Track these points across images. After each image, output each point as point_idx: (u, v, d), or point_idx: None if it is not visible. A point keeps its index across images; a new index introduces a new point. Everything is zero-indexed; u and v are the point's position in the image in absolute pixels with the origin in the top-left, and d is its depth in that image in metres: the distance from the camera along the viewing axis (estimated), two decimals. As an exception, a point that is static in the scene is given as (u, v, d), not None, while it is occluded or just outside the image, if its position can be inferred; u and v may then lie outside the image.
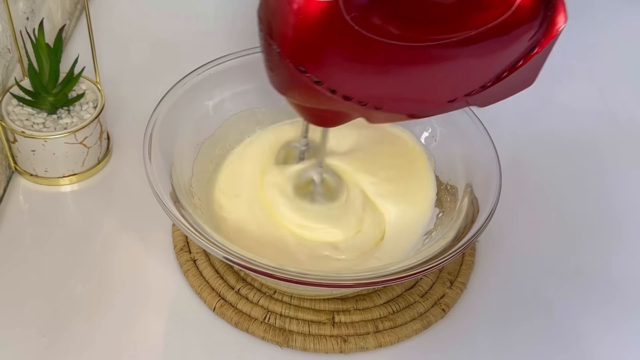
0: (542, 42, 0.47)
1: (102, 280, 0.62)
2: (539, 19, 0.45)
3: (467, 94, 0.49)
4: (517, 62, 0.47)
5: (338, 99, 0.47)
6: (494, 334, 0.61)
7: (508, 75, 0.48)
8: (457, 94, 0.49)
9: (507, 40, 0.46)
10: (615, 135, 0.79)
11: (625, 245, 0.69)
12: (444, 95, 0.49)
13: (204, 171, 0.63)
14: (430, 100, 0.49)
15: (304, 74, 0.45)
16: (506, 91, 0.50)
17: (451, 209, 0.60)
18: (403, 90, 0.48)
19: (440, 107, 0.50)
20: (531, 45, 0.47)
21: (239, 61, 0.65)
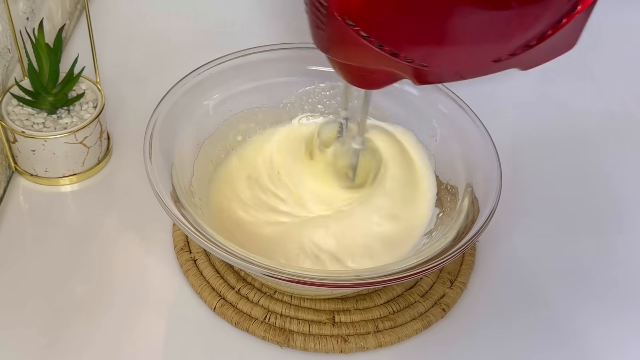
0: (584, 1, 0.47)
1: (103, 280, 0.62)
2: None
3: (512, 53, 0.48)
4: (560, 21, 0.47)
5: (386, 55, 0.46)
6: (494, 334, 0.61)
7: (552, 34, 0.47)
8: (502, 53, 0.48)
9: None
10: (615, 134, 0.79)
11: (626, 245, 0.69)
12: (489, 53, 0.48)
13: (204, 171, 0.63)
14: (476, 58, 0.49)
15: (352, 29, 0.44)
16: (549, 52, 0.50)
17: (451, 209, 0.60)
18: (450, 47, 0.47)
19: (485, 66, 0.50)
20: (574, 4, 0.47)
21: (239, 61, 0.65)
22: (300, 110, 0.68)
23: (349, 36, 0.45)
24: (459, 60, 0.49)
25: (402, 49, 0.46)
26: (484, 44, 0.48)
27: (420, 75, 0.50)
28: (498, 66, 0.50)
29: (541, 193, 0.73)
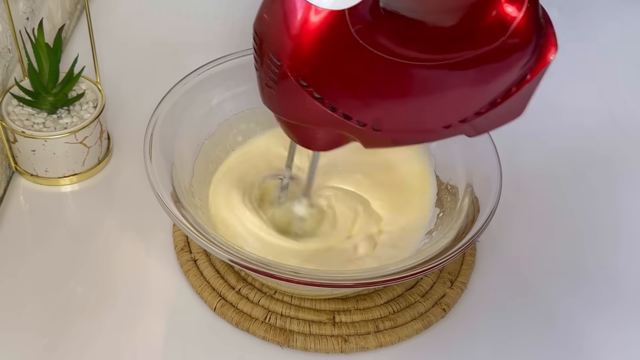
0: (534, 70, 0.48)
1: (103, 280, 0.62)
2: (532, 47, 0.47)
3: (462, 119, 0.49)
4: (510, 89, 0.49)
5: (338, 118, 0.46)
6: (494, 334, 0.61)
7: (501, 102, 0.49)
8: (453, 119, 0.49)
9: (502, 66, 0.47)
10: (615, 134, 0.79)
11: (625, 245, 0.69)
12: (440, 120, 0.49)
13: (204, 171, 0.63)
14: (427, 123, 0.50)
15: (305, 89, 0.44)
16: (497, 120, 0.51)
17: (452, 209, 0.60)
18: (402, 111, 0.48)
19: (435, 132, 0.50)
20: (524, 73, 0.48)
21: (239, 61, 0.65)
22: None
23: (301, 97, 0.44)
24: (411, 125, 0.49)
25: (354, 112, 0.46)
26: (436, 110, 0.48)
27: (370, 140, 0.50)
28: (448, 132, 0.50)
29: (541, 193, 0.73)
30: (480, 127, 0.51)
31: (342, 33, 0.42)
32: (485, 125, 0.51)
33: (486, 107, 0.49)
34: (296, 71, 0.43)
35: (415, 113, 0.48)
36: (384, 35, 0.43)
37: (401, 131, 0.50)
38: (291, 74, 0.43)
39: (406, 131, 0.50)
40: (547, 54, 0.47)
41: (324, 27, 0.41)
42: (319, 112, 0.45)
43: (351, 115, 0.46)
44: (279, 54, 0.43)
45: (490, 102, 0.49)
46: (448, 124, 0.49)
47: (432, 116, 0.49)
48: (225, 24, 0.89)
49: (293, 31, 0.42)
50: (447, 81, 0.47)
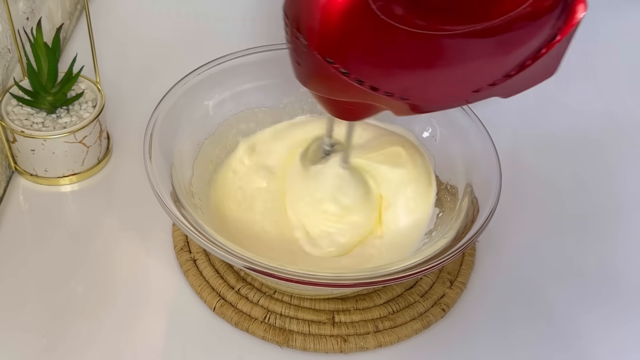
0: (563, 30, 0.47)
1: (103, 280, 0.62)
2: (560, 7, 0.46)
3: (492, 83, 0.49)
4: (539, 51, 0.48)
5: (365, 90, 0.47)
6: (493, 334, 0.61)
7: (532, 63, 0.48)
8: (481, 84, 0.49)
9: (530, 29, 0.46)
10: (615, 134, 0.79)
11: (625, 245, 0.69)
12: (469, 85, 0.49)
13: (204, 171, 0.63)
14: (456, 89, 0.50)
15: (331, 65, 0.45)
16: (529, 81, 0.50)
17: (451, 209, 0.60)
18: (429, 80, 0.48)
19: (465, 97, 0.51)
20: (553, 34, 0.47)
21: (239, 61, 0.65)
22: (300, 110, 0.68)
23: (328, 72, 0.46)
24: (439, 92, 0.50)
25: (381, 84, 0.47)
26: (463, 76, 0.48)
27: (399, 108, 0.51)
28: (478, 96, 0.50)
29: (541, 193, 0.73)
30: (511, 88, 0.50)
31: (364, 10, 0.43)
32: (516, 86, 0.50)
33: (516, 69, 0.48)
34: (322, 49, 0.45)
35: (443, 81, 0.48)
36: (405, 9, 0.44)
37: (430, 99, 0.50)
38: (318, 52, 0.45)
39: (435, 98, 0.50)
40: (576, 12, 0.46)
41: (347, 5, 0.42)
42: (347, 86, 0.47)
43: (378, 87, 0.47)
44: (306, 33, 0.44)
45: (520, 64, 0.48)
46: (477, 88, 0.49)
47: (461, 82, 0.49)
48: (225, 24, 0.89)
49: (318, 11, 0.43)
50: (473, 48, 0.46)
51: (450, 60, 0.47)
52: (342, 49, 0.45)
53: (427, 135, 0.66)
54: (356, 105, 0.52)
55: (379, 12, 0.43)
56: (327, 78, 0.47)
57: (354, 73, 0.46)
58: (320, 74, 0.47)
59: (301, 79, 0.49)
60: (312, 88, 0.50)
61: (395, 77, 0.47)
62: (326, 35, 0.44)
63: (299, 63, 0.47)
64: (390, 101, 0.49)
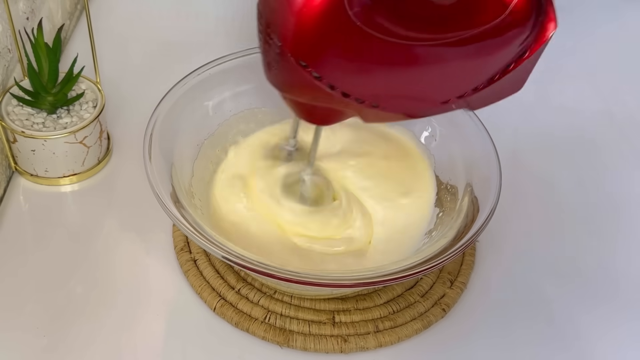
0: (532, 47, 0.48)
1: (103, 280, 0.62)
2: (531, 24, 0.47)
3: (460, 95, 0.50)
4: (508, 66, 0.49)
5: (337, 96, 0.47)
6: (494, 334, 0.61)
7: (500, 78, 0.49)
8: (450, 95, 0.50)
9: (500, 43, 0.47)
10: (614, 134, 0.79)
11: (625, 245, 0.69)
12: (438, 96, 0.50)
13: (204, 171, 0.63)
14: (425, 99, 0.50)
15: (304, 69, 0.45)
16: (496, 95, 0.51)
17: (451, 209, 0.60)
18: (400, 88, 0.48)
19: (433, 107, 0.51)
20: (522, 50, 0.48)
21: (239, 61, 0.65)
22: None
23: (300, 76, 0.45)
24: (408, 102, 0.50)
25: (353, 90, 0.47)
26: (433, 87, 0.49)
27: (368, 116, 0.51)
28: (446, 107, 0.51)
29: (541, 193, 0.73)
30: (478, 101, 0.51)
31: (340, 16, 0.43)
32: (483, 100, 0.51)
33: (484, 84, 0.49)
34: (296, 52, 0.44)
35: (413, 90, 0.49)
36: (382, 16, 0.44)
37: (399, 107, 0.50)
38: (291, 54, 0.44)
39: (404, 107, 0.51)
40: (547, 30, 0.47)
41: (323, 10, 0.42)
42: (318, 90, 0.47)
43: (349, 94, 0.47)
44: (280, 35, 0.44)
45: (489, 79, 0.49)
46: (445, 99, 0.50)
47: (430, 93, 0.49)
48: (225, 24, 0.89)
49: (293, 13, 0.43)
50: (445, 59, 0.47)
51: (422, 70, 0.47)
52: (316, 52, 0.44)
53: (427, 135, 0.66)
54: (324, 110, 0.51)
55: (355, 18, 0.43)
56: (299, 81, 0.46)
57: (327, 78, 0.46)
58: (292, 76, 0.47)
59: (272, 80, 0.49)
60: (282, 90, 0.50)
61: (366, 84, 0.47)
62: (300, 37, 0.44)
63: (271, 64, 0.47)
64: (360, 108, 0.49)
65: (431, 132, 0.66)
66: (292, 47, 0.44)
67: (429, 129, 0.66)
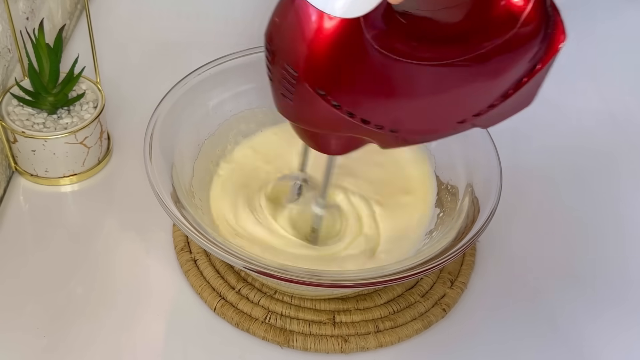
0: (544, 59, 0.48)
1: (103, 280, 0.62)
2: (541, 36, 0.47)
3: (476, 114, 0.50)
4: (521, 80, 0.49)
5: (356, 123, 0.46)
6: (494, 334, 0.61)
7: (513, 93, 0.49)
8: (467, 114, 0.50)
9: (513, 58, 0.47)
10: (615, 134, 0.79)
11: (625, 245, 0.69)
12: (455, 116, 0.49)
13: (204, 171, 0.63)
14: (443, 121, 0.50)
15: (323, 98, 0.44)
16: (509, 110, 0.51)
17: (452, 209, 0.60)
18: (419, 112, 0.48)
19: (450, 128, 0.51)
20: (534, 63, 0.48)
21: (239, 61, 0.65)
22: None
23: (319, 105, 0.44)
24: (427, 124, 0.50)
25: (372, 116, 0.46)
26: (451, 107, 0.48)
27: (387, 141, 0.50)
28: (462, 127, 0.51)
29: (541, 193, 0.73)
30: (492, 118, 0.51)
31: (358, 40, 0.42)
32: (497, 117, 0.51)
33: (499, 100, 0.49)
34: (313, 80, 0.43)
35: (432, 112, 0.48)
36: (398, 39, 0.43)
37: (418, 131, 0.50)
38: (308, 83, 0.43)
39: (422, 130, 0.50)
40: (557, 42, 0.47)
41: (340, 35, 0.41)
42: (337, 118, 0.45)
43: (369, 120, 0.46)
44: (295, 64, 0.43)
45: (503, 94, 0.49)
46: (462, 119, 0.50)
47: (448, 113, 0.49)
48: (225, 24, 0.89)
49: (308, 40, 0.42)
50: (462, 78, 0.47)
51: (441, 90, 0.47)
52: (334, 78, 0.43)
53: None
54: (342, 139, 0.50)
55: (372, 41, 0.42)
56: (317, 110, 0.45)
57: (346, 105, 0.45)
58: (309, 106, 0.45)
59: (287, 112, 0.48)
60: (299, 122, 0.49)
61: (385, 108, 0.47)
62: (317, 64, 0.42)
63: (286, 96, 0.45)
64: (379, 134, 0.48)
65: (431, 132, 0.66)
66: (309, 75, 0.43)
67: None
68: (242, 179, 0.64)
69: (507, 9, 0.46)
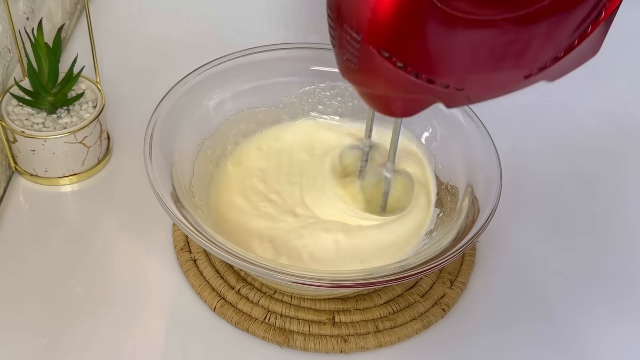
0: (607, 7, 0.47)
1: (103, 280, 0.62)
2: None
3: (542, 67, 0.49)
4: (586, 30, 0.48)
5: (422, 83, 0.46)
6: (494, 334, 0.61)
7: (578, 44, 0.48)
8: (532, 68, 0.48)
9: (578, 8, 0.46)
10: (615, 134, 0.80)
11: (625, 245, 0.69)
12: (521, 70, 0.49)
13: (204, 171, 0.63)
14: (509, 76, 0.49)
15: (387, 60, 0.44)
16: (574, 62, 0.50)
17: (452, 209, 0.60)
18: (483, 67, 0.47)
19: (517, 83, 0.50)
20: (598, 12, 0.47)
21: (239, 61, 0.65)
22: (300, 111, 0.68)
23: (384, 67, 0.44)
24: (493, 81, 0.49)
25: (438, 75, 0.46)
26: (516, 62, 0.47)
27: (454, 99, 0.49)
28: (528, 81, 0.50)
29: (541, 193, 0.73)
30: (558, 71, 0.50)
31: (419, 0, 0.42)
32: (563, 69, 0.50)
33: (564, 51, 0.48)
34: (377, 43, 0.43)
35: (498, 68, 0.48)
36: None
37: (484, 88, 0.49)
38: (372, 46, 0.43)
39: (489, 87, 0.50)
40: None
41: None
42: (403, 80, 0.45)
43: (435, 79, 0.46)
44: (359, 27, 0.43)
45: (568, 46, 0.48)
46: (528, 73, 0.49)
47: (513, 69, 0.48)
48: (225, 24, 0.89)
49: (371, 2, 0.42)
50: (526, 32, 0.46)
51: (504, 44, 0.46)
52: (397, 41, 0.43)
53: (428, 135, 0.66)
54: (408, 100, 0.50)
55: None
56: (383, 73, 0.45)
57: (411, 66, 0.45)
58: (375, 69, 0.45)
59: (352, 77, 0.48)
60: (365, 85, 0.49)
61: (451, 67, 0.46)
62: (381, 27, 0.42)
63: (351, 60, 0.46)
64: (445, 93, 0.48)
65: (432, 132, 0.66)
66: (373, 38, 0.43)
67: (430, 129, 0.66)
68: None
69: None
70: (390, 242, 0.61)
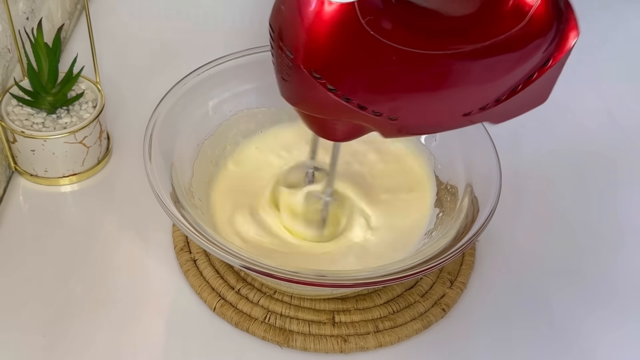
0: (555, 55, 0.47)
1: (102, 280, 0.62)
2: (552, 33, 0.46)
3: (482, 107, 0.49)
4: (531, 76, 0.48)
5: (353, 108, 0.46)
6: (493, 334, 0.61)
7: (522, 89, 0.48)
8: (472, 107, 0.49)
9: (521, 53, 0.46)
10: (614, 135, 0.79)
11: (625, 245, 0.69)
12: (459, 108, 0.49)
13: (204, 171, 0.63)
14: (446, 112, 0.49)
15: (318, 81, 0.44)
16: (520, 107, 0.50)
17: (451, 209, 0.60)
18: (418, 100, 0.47)
19: (455, 120, 0.50)
20: (545, 59, 0.47)
21: (239, 61, 0.65)
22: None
23: (315, 89, 0.45)
24: (428, 114, 0.49)
25: (369, 102, 0.46)
26: (453, 98, 0.47)
27: (387, 129, 0.49)
28: (468, 120, 0.50)
29: (541, 193, 0.73)
30: (502, 114, 0.50)
31: (352, 25, 0.42)
32: (507, 112, 0.50)
33: (507, 94, 0.48)
34: (309, 64, 0.44)
35: (432, 102, 0.48)
36: (396, 25, 0.43)
37: (419, 121, 0.49)
38: (304, 66, 0.44)
39: (424, 120, 0.50)
40: (569, 39, 0.46)
41: (335, 19, 0.42)
42: (334, 103, 0.46)
43: (366, 106, 0.46)
44: (292, 48, 0.44)
45: (511, 89, 0.48)
46: (467, 112, 0.49)
47: (450, 105, 0.48)
48: (224, 24, 0.89)
49: (305, 24, 0.42)
50: (463, 69, 0.46)
51: (440, 80, 0.46)
52: (329, 63, 0.44)
53: (427, 135, 0.66)
54: (343, 125, 0.50)
55: (367, 27, 0.42)
56: (314, 95, 0.45)
57: (342, 90, 0.45)
58: (306, 90, 0.45)
59: (287, 95, 0.48)
60: (298, 105, 0.49)
61: (383, 95, 0.46)
62: (313, 49, 0.43)
63: (285, 79, 0.46)
64: (378, 121, 0.48)
65: (431, 132, 0.66)
66: (305, 60, 0.43)
67: (429, 129, 0.66)
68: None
69: (516, 3, 0.45)
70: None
